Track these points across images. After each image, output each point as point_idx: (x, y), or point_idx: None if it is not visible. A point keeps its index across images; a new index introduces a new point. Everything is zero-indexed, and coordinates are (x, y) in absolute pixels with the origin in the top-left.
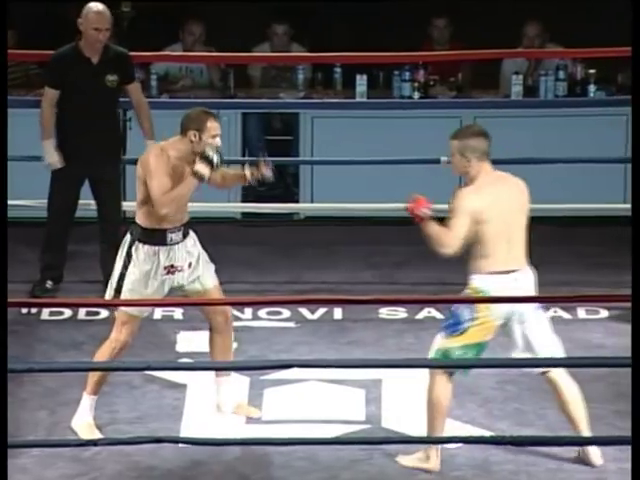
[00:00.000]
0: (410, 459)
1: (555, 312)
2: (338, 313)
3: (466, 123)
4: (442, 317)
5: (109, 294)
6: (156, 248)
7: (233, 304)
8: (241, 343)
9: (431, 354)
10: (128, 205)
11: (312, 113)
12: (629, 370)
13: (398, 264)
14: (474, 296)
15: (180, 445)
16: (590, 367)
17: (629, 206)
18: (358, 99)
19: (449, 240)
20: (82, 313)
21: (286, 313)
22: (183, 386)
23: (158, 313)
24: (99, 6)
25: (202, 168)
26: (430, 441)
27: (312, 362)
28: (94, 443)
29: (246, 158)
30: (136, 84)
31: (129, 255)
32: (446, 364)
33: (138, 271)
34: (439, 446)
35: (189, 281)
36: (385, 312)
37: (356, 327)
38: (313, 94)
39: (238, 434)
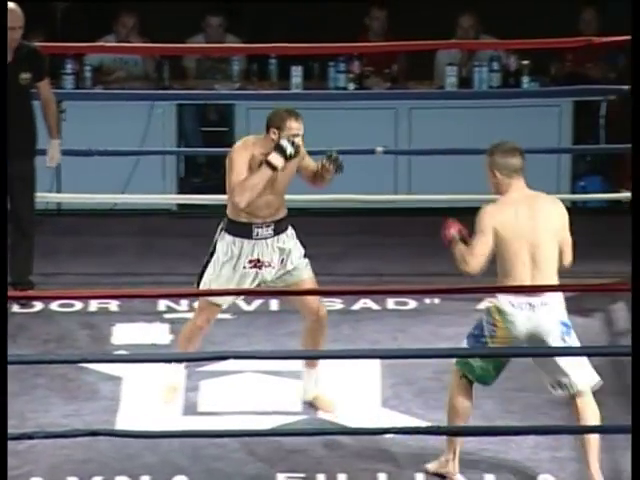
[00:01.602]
0: (433, 464)
1: (490, 302)
2: (274, 304)
3: (401, 114)
4: (378, 308)
5: (197, 281)
6: (239, 240)
7: (168, 296)
8: (177, 335)
9: (454, 361)
10: (62, 197)
11: (247, 104)
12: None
13: (335, 256)
14: (493, 312)
15: (116, 438)
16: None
17: (559, 196)
18: (293, 90)
19: (470, 259)
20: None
21: None
22: (119, 379)
23: (93, 305)
24: (11, 4)
25: (275, 158)
26: (369, 432)
27: (249, 354)
28: (29, 436)
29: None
30: (46, 81)
31: (215, 244)
32: (380, 354)
33: (219, 260)
34: (457, 451)
35: (278, 276)
36: None
37: (293, 318)
38: (248, 85)
39: (174, 426)
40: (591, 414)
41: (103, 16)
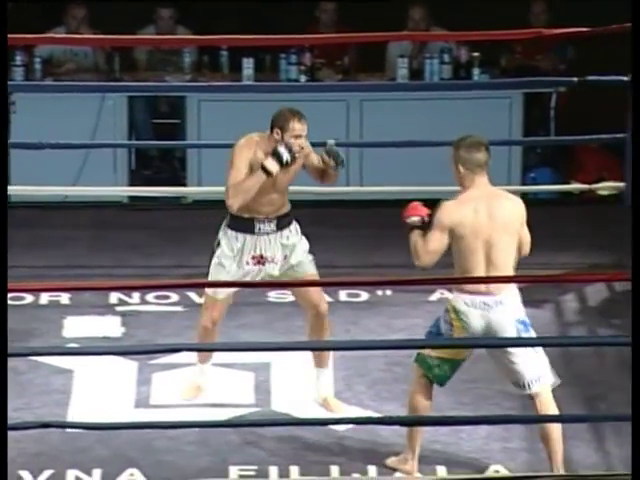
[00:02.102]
0: (393, 460)
1: (442, 294)
2: None
3: (352, 106)
4: (331, 300)
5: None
6: (242, 235)
7: (120, 288)
8: (129, 327)
9: (413, 360)
10: (12, 189)
11: (199, 96)
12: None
13: None
14: (449, 312)
15: (67, 430)
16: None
17: (510, 187)
18: (245, 82)
19: (423, 254)
20: None
21: (174, 297)
22: (70, 372)
23: (44, 298)
24: None
25: (271, 164)
26: (321, 423)
27: (201, 346)
28: None
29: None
30: None
31: (219, 240)
32: (332, 346)
33: (221, 257)
34: (417, 450)
35: (283, 272)
36: (274, 295)
37: (245, 310)
38: (199, 77)
39: (126, 419)
40: (550, 414)
41: (53, 7)
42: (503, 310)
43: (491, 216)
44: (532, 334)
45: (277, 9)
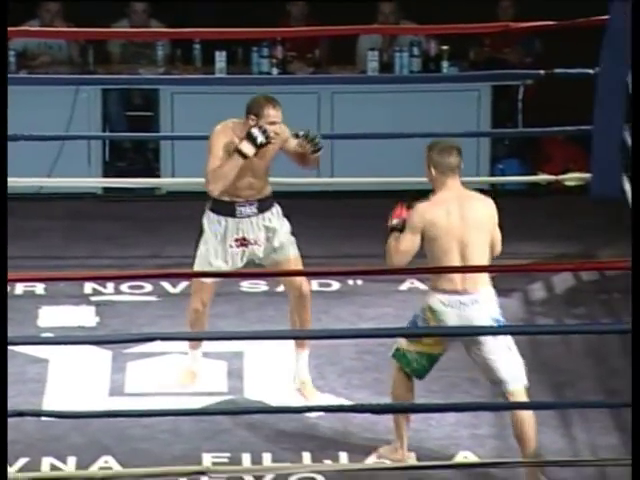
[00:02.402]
0: (385, 449)
1: (412, 283)
2: None
3: (324, 99)
4: None
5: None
6: (224, 218)
7: (94, 279)
8: (104, 317)
9: (393, 348)
10: None
11: (172, 89)
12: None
13: None
14: (425, 311)
15: (43, 418)
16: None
17: (478, 179)
18: (217, 75)
19: (395, 254)
20: None
21: (148, 287)
22: (45, 361)
23: (19, 288)
24: None
25: (245, 146)
26: (293, 411)
27: (175, 335)
28: None
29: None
30: None
31: (202, 225)
32: (304, 335)
33: (206, 239)
34: (405, 438)
35: (265, 254)
36: (246, 285)
37: (218, 300)
38: (173, 70)
39: (101, 407)
40: (524, 414)
41: (27, 1)
42: (479, 308)
43: (463, 217)
44: (510, 341)
45: (249, 3)
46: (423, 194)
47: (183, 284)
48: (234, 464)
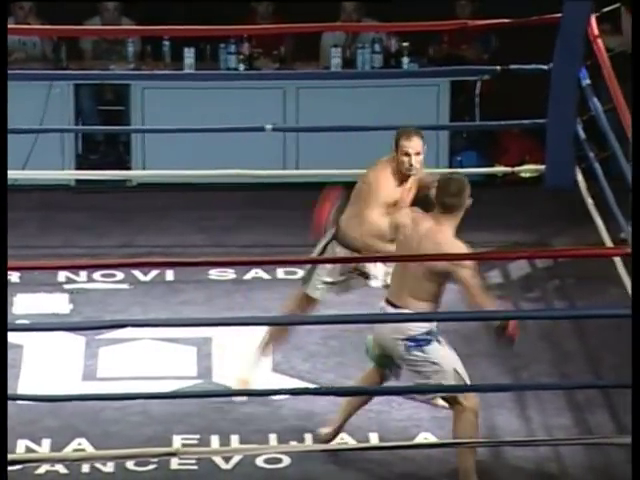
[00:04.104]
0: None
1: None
2: (170, 275)
3: (289, 94)
4: (269, 278)
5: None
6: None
7: (68, 267)
8: (77, 304)
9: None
10: None
11: (142, 84)
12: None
13: (226, 228)
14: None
15: (18, 402)
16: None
17: (437, 170)
18: (186, 71)
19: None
20: None
21: (120, 275)
22: (20, 347)
23: None
24: None
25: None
26: (260, 394)
27: (145, 321)
28: None
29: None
30: None
31: (324, 248)
32: (271, 321)
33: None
34: (342, 423)
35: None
36: (215, 273)
37: (187, 288)
38: (143, 66)
39: (74, 391)
40: (461, 428)
41: None
42: (385, 325)
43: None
44: (429, 349)
45: (217, 2)
46: None
47: (154, 272)
48: (203, 445)
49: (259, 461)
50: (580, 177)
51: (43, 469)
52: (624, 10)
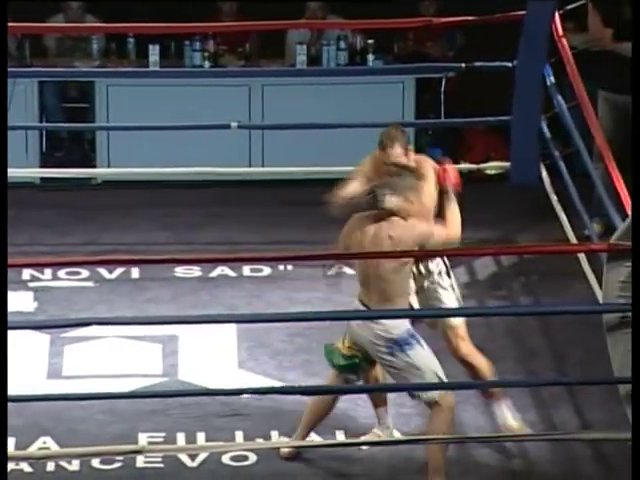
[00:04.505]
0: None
1: (340, 268)
2: (135, 272)
3: (254, 91)
4: (235, 275)
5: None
6: None
7: (34, 265)
8: (42, 302)
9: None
10: None
11: (107, 81)
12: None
13: (192, 225)
14: None
15: None
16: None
17: None
18: (151, 68)
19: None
20: None
21: (85, 273)
22: None
23: None
24: None
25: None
26: (226, 393)
27: (111, 319)
28: None
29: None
30: None
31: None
32: (237, 319)
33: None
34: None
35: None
36: (180, 271)
37: (153, 286)
38: (107, 63)
39: (39, 389)
40: (436, 425)
41: None
42: (366, 327)
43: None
44: (411, 351)
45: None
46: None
47: (119, 270)
48: (169, 443)
49: (225, 459)
50: (545, 174)
51: (7, 468)
52: (590, 7)
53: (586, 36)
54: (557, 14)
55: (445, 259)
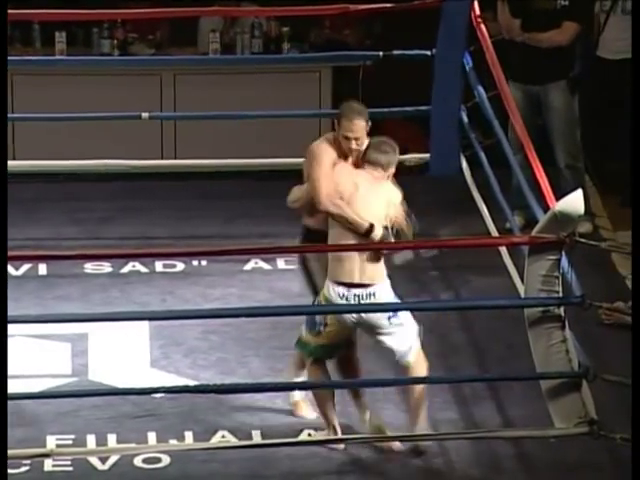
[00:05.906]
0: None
1: (256, 263)
2: (43, 269)
3: (166, 80)
4: (147, 271)
5: None
6: None
7: None
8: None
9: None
10: None
11: (11, 70)
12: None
13: (102, 220)
14: (322, 301)
15: None
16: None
17: None
18: (57, 56)
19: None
20: None
21: None
22: None
23: None
24: None
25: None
26: (138, 392)
27: (17, 318)
28: None
29: None
30: None
31: None
32: (149, 316)
33: None
34: (334, 419)
35: None
36: (90, 267)
37: (61, 282)
38: (12, 51)
39: None
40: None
41: None
42: (374, 301)
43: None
44: (402, 316)
45: None
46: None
47: (25, 267)
48: (78, 446)
49: (137, 461)
50: (465, 165)
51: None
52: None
53: (496, 26)
54: (476, 1)
55: None
